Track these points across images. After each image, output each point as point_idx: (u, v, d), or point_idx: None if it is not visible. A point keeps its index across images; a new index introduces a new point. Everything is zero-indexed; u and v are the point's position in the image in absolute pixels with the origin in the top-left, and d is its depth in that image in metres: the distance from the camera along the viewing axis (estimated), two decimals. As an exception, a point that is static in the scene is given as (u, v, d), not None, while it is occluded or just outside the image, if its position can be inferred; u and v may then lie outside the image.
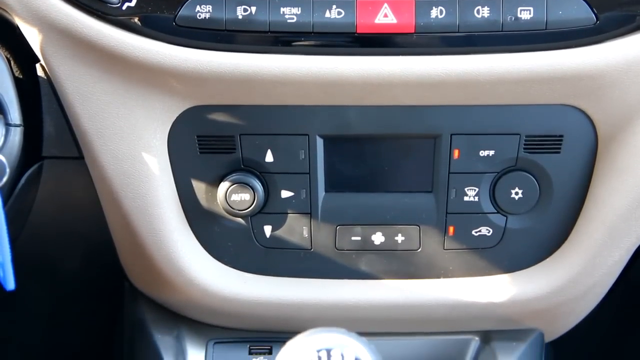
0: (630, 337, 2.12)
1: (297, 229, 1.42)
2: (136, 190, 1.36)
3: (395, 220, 1.42)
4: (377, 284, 1.45)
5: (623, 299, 1.81)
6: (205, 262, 1.43)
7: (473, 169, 1.38)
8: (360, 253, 1.44)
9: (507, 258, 1.43)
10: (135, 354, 1.59)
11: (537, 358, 1.53)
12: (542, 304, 1.45)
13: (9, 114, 1.28)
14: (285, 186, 1.39)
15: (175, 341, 1.52)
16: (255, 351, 1.51)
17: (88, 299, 2.15)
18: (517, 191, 1.38)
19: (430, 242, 1.42)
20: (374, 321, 1.47)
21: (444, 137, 1.36)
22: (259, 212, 1.40)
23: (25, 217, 1.52)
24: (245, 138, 1.36)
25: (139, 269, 1.51)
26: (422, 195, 1.41)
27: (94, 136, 1.34)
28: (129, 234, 1.41)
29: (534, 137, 1.35)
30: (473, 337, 1.54)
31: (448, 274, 1.45)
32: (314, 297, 1.45)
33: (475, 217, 1.41)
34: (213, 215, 1.41)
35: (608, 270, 1.42)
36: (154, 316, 1.55)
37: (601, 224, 1.37)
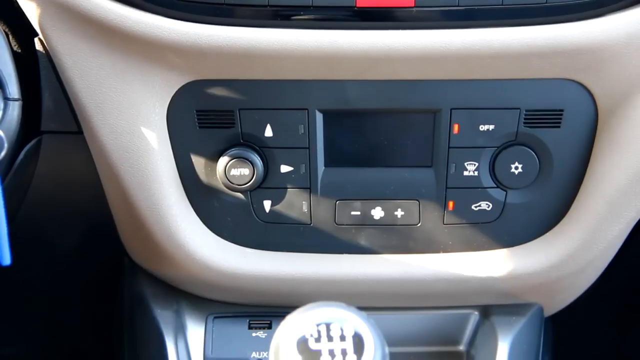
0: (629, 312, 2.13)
1: (296, 204, 1.42)
2: (135, 164, 1.36)
3: (395, 195, 1.42)
4: (376, 259, 1.45)
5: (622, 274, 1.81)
6: (204, 237, 1.43)
7: (473, 144, 1.37)
8: (359, 228, 1.44)
9: (506, 233, 1.43)
10: (135, 329, 1.60)
11: (537, 332, 1.54)
12: (542, 279, 1.45)
13: (7, 88, 1.27)
14: (285, 161, 1.39)
15: (175, 316, 1.52)
16: (254, 326, 1.52)
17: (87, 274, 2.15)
18: (517, 166, 1.38)
19: (430, 216, 1.42)
20: (373, 296, 1.48)
21: (443, 111, 1.36)
22: (259, 187, 1.39)
23: (24, 192, 1.52)
24: (244, 113, 1.36)
25: (138, 244, 1.51)
26: (422, 170, 1.41)
27: (92, 111, 1.33)
28: (128, 209, 1.41)
29: (534, 112, 1.35)
30: (472, 312, 1.54)
31: (448, 248, 1.45)
32: (313, 272, 1.45)
33: (475, 191, 1.40)
34: (212, 190, 1.41)
35: (608, 244, 1.42)
36: (153, 291, 1.56)
37: (601, 199, 1.37)
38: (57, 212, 1.71)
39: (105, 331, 2.18)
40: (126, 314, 1.67)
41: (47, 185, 1.54)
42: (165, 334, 1.49)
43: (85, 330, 2.29)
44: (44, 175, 1.49)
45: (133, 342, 1.60)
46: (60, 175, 1.53)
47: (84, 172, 1.45)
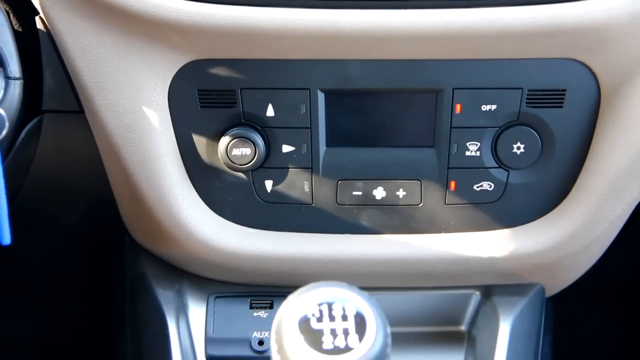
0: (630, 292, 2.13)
1: (298, 184, 1.42)
2: (136, 144, 1.36)
3: (397, 175, 1.42)
4: (378, 239, 1.45)
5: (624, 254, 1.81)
6: (206, 217, 1.43)
7: (475, 124, 1.37)
8: (361, 208, 1.44)
9: (508, 213, 1.43)
10: (137, 309, 1.60)
11: (538, 312, 1.54)
12: (543, 259, 1.45)
13: (8, 66, 1.27)
14: (287, 141, 1.39)
15: (176, 295, 1.52)
16: (256, 305, 1.52)
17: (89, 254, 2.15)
18: (519, 146, 1.38)
19: (432, 197, 1.42)
20: (375, 276, 1.48)
21: (445, 91, 1.35)
22: (260, 167, 1.39)
23: (25, 172, 1.52)
24: (246, 92, 1.36)
25: (139, 224, 1.51)
26: (424, 150, 1.41)
27: (93, 90, 1.33)
28: (129, 188, 1.41)
29: (537, 92, 1.35)
30: (474, 292, 1.55)
31: (449, 228, 1.45)
32: (315, 252, 1.45)
33: (477, 171, 1.40)
34: (214, 170, 1.41)
35: (610, 224, 1.42)
36: (155, 271, 1.56)
37: (603, 179, 1.37)
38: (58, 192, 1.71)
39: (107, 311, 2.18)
40: (127, 293, 1.67)
41: (48, 165, 1.54)
42: (167, 314, 1.49)
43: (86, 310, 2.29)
44: (45, 154, 1.49)
45: (134, 321, 1.60)
46: (62, 154, 1.53)
47: (85, 151, 1.44)
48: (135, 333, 1.59)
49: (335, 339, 0.92)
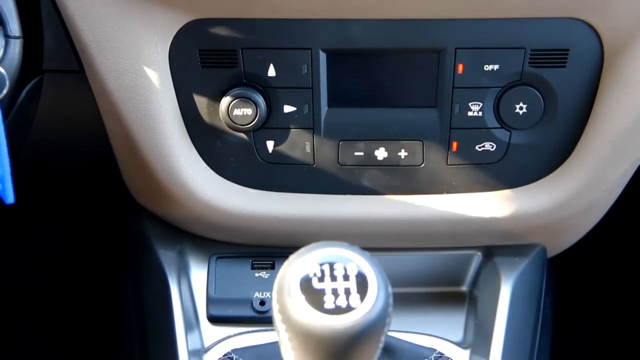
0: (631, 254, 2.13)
1: (299, 144, 1.42)
2: (137, 104, 1.35)
3: (399, 135, 1.41)
4: (379, 199, 1.45)
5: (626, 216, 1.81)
6: (207, 177, 1.43)
7: (477, 84, 1.37)
8: (363, 168, 1.44)
9: (510, 173, 1.43)
10: (139, 269, 1.60)
11: (540, 273, 1.54)
12: (545, 219, 1.45)
13: (8, 25, 1.26)
14: (288, 101, 1.38)
15: (178, 256, 1.52)
16: (257, 266, 1.52)
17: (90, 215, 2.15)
18: (522, 106, 1.37)
19: (434, 157, 1.42)
20: (376, 236, 1.48)
21: (448, 51, 1.35)
22: (261, 127, 1.39)
23: (26, 131, 1.51)
24: (247, 52, 1.35)
25: (141, 184, 1.51)
26: (426, 110, 1.40)
27: (94, 49, 1.32)
28: (130, 149, 1.40)
29: (540, 51, 1.34)
30: (475, 253, 1.55)
31: (451, 189, 1.45)
32: (316, 212, 1.45)
33: (479, 132, 1.40)
34: (215, 130, 1.41)
35: (612, 185, 1.42)
36: (156, 231, 1.56)
37: (606, 139, 1.37)
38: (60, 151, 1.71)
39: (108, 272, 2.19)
40: (129, 254, 1.68)
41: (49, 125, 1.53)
42: (169, 274, 1.49)
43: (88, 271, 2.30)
44: (46, 114, 1.49)
45: (136, 282, 1.61)
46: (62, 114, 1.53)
47: (86, 111, 1.44)
48: (136, 294, 1.59)
49: (337, 299, 0.92)
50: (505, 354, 1.39)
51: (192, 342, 1.42)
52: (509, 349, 1.40)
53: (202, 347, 1.45)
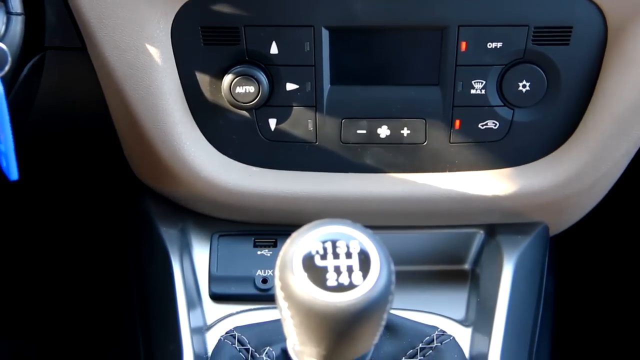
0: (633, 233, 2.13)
1: (302, 122, 1.41)
2: (139, 81, 1.35)
3: (401, 113, 1.41)
4: (382, 177, 1.45)
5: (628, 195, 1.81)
6: (209, 155, 1.43)
7: (480, 62, 1.36)
8: (365, 146, 1.43)
9: (513, 151, 1.43)
10: (141, 248, 1.60)
11: (542, 251, 1.54)
12: (548, 197, 1.45)
13: (10, 1, 1.25)
14: (290, 78, 1.38)
15: (180, 234, 1.52)
16: (260, 244, 1.52)
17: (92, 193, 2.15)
18: (525, 84, 1.37)
19: (436, 135, 1.42)
20: (379, 214, 1.48)
21: (451, 28, 1.34)
22: (264, 105, 1.39)
23: (28, 108, 1.51)
24: (249, 29, 1.35)
25: (143, 162, 1.51)
26: (429, 88, 1.40)
27: (95, 26, 1.32)
28: (132, 127, 1.40)
29: (543, 29, 1.33)
30: (478, 231, 1.55)
31: (454, 167, 1.44)
32: (318, 190, 1.45)
33: (482, 110, 1.40)
34: (217, 108, 1.40)
35: (615, 163, 1.42)
36: (158, 209, 1.56)
37: (609, 117, 1.37)
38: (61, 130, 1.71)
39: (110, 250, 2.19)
40: (131, 232, 1.68)
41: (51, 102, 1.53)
42: (171, 252, 1.49)
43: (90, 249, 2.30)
44: (48, 91, 1.49)
45: (138, 260, 1.61)
46: (65, 92, 1.53)
47: (88, 88, 1.44)
48: (138, 272, 1.59)
49: (339, 276, 0.92)
50: (507, 331, 1.39)
51: (194, 320, 1.42)
52: (511, 327, 1.40)
53: (205, 324, 1.45)
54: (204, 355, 1.39)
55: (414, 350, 1.38)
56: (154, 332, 1.48)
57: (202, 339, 1.41)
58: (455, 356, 1.38)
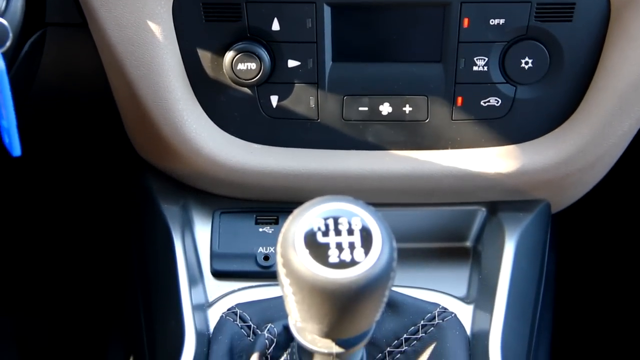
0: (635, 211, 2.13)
1: (303, 99, 1.41)
2: (141, 58, 1.35)
3: (403, 90, 1.41)
4: (384, 155, 1.45)
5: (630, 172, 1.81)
6: (211, 132, 1.43)
7: (483, 38, 1.36)
8: (367, 124, 1.43)
9: (515, 128, 1.42)
10: (142, 225, 1.60)
11: (544, 229, 1.54)
12: (550, 175, 1.45)
13: (10, -23, 1.25)
14: (292, 55, 1.38)
15: (182, 211, 1.52)
16: (261, 221, 1.52)
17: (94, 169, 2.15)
18: (527, 61, 1.36)
19: (438, 112, 1.42)
20: (381, 191, 1.48)
21: (453, 5, 1.34)
22: (265, 82, 1.38)
23: (29, 85, 1.51)
24: (251, 6, 1.34)
25: (145, 139, 1.51)
26: (431, 65, 1.39)
27: (96, 2, 1.31)
28: (134, 103, 1.40)
29: (546, 5, 1.33)
30: (480, 208, 1.55)
31: (456, 144, 1.44)
32: (320, 168, 1.45)
33: (484, 87, 1.39)
34: (219, 85, 1.40)
35: (617, 140, 1.41)
36: (160, 187, 1.56)
37: (612, 93, 1.36)
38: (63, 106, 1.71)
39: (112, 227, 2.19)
40: (133, 210, 1.68)
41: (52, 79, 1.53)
42: (172, 230, 1.49)
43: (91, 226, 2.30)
44: (49, 68, 1.48)
45: (140, 238, 1.61)
46: (66, 68, 1.52)
47: (89, 65, 1.44)
48: (140, 249, 1.59)
49: (341, 253, 0.92)
50: (509, 308, 1.39)
51: (196, 297, 1.43)
52: (512, 304, 1.40)
53: (206, 301, 1.45)
54: (205, 332, 1.39)
55: (415, 327, 1.39)
56: (156, 309, 1.49)
57: (203, 315, 1.42)
58: (457, 333, 1.39)
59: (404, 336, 1.38)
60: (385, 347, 1.38)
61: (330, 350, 1.04)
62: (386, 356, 1.37)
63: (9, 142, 1.16)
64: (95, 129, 1.89)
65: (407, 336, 1.38)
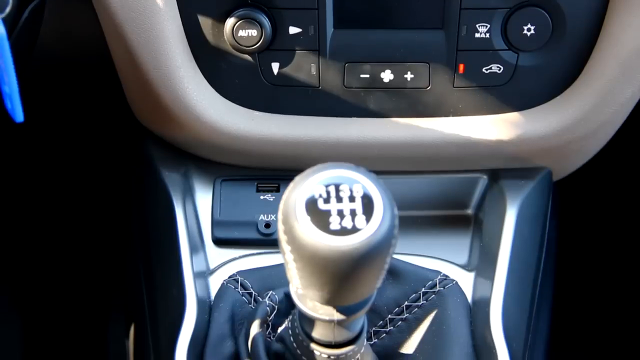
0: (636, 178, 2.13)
1: (305, 66, 1.41)
2: (141, 24, 1.34)
3: (405, 57, 1.40)
4: (385, 122, 1.45)
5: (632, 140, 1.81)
6: (212, 99, 1.43)
7: (485, 5, 1.35)
8: (368, 91, 1.43)
9: (517, 96, 1.42)
10: (143, 192, 1.60)
11: (545, 196, 1.54)
12: (552, 142, 1.44)
13: (9, -57, 1.24)
14: (293, 22, 1.37)
15: (183, 179, 1.52)
16: (262, 188, 1.52)
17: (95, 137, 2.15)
18: (530, 27, 1.36)
19: (440, 80, 1.41)
20: (382, 159, 1.47)
21: (455, -29, 1.33)
22: (267, 49, 1.38)
23: (30, 51, 1.50)
24: (252, -28, 1.34)
25: (145, 106, 1.50)
26: (433, 32, 1.39)
27: (96, -32, 1.31)
28: (134, 70, 1.39)
29: (549, -30, 1.32)
30: (481, 176, 1.54)
31: (457, 112, 1.44)
32: (321, 135, 1.44)
33: (486, 54, 1.39)
34: (220, 52, 1.40)
35: (619, 107, 1.41)
36: (161, 154, 1.55)
37: (614, 60, 1.36)
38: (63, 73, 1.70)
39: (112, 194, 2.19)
40: (133, 177, 1.67)
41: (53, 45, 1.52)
42: (173, 197, 1.49)
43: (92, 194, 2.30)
44: (49, 35, 1.48)
45: (140, 205, 1.61)
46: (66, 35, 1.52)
47: (90, 32, 1.43)
48: (141, 216, 1.59)
49: (343, 220, 0.92)
50: (510, 276, 1.39)
51: (197, 264, 1.43)
52: (513, 272, 1.40)
53: (207, 269, 1.46)
54: (207, 299, 1.39)
55: (416, 295, 1.39)
56: (157, 276, 1.49)
57: (205, 283, 1.42)
58: (458, 300, 1.39)
59: (405, 303, 1.38)
60: (387, 314, 1.38)
61: (332, 317, 1.04)
62: (387, 323, 1.38)
63: (11, 108, 1.16)
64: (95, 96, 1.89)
65: (408, 303, 1.38)
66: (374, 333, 1.38)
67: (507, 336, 1.32)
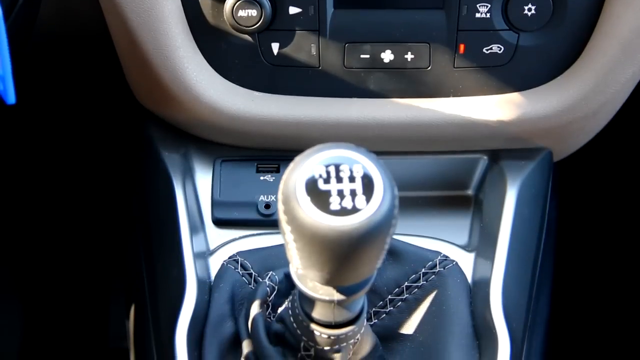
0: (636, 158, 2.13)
1: (305, 47, 1.40)
2: (140, 4, 1.34)
3: (405, 37, 1.40)
4: (385, 103, 1.44)
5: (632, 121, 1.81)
6: (212, 79, 1.42)
7: (485, -16, 1.35)
8: (369, 71, 1.42)
9: (518, 76, 1.42)
10: (143, 173, 1.60)
11: (545, 177, 1.54)
12: (553, 122, 1.44)
13: None
14: (293, 2, 1.37)
15: (182, 159, 1.52)
16: (262, 169, 1.52)
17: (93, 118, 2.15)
18: (530, 7, 1.35)
19: (440, 60, 1.41)
20: (382, 140, 1.47)
21: (456, -50, 1.33)
22: (266, 29, 1.38)
23: (28, 33, 1.50)
24: (251, -49, 1.33)
25: (145, 87, 1.50)
26: (433, 12, 1.38)
27: (95, -52, 1.31)
28: (134, 51, 1.39)
29: (549, -50, 1.32)
30: (482, 156, 1.54)
31: (458, 92, 1.43)
32: (321, 115, 1.44)
33: (487, 34, 1.38)
34: (219, 32, 1.39)
35: (620, 87, 1.41)
36: (161, 134, 1.55)
37: (615, 40, 1.35)
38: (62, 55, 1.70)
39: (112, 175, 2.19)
40: (133, 157, 1.67)
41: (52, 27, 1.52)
42: (173, 177, 1.49)
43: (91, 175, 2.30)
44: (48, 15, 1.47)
45: (140, 186, 1.61)
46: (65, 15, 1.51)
47: (89, 12, 1.42)
48: (141, 197, 1.59)
49: (343, 200, 0.92)
50: (510, 256, 1.39)
51: (197, 245, 1.43)
52: (513, 252, 1.40)
53: (207, 249, 1.46)
54: (207, 279, 1.40)
55: (416, 275, 1.39)
56: (157, 257, 1.49)
57: (205, 263, 1.42)
58: (458, 281, 1.39)
59: (405, 284, 1.38)
60: (387, 294, 1.38)
61: (332, 298, 1.05)
62: (387, 304, 1.38)
63: (3, 89, 1.15)
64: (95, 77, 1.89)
65: (408, 284, 1.38)
66: (374, 313, 1.38)
67: (507, 316, 1.32)
